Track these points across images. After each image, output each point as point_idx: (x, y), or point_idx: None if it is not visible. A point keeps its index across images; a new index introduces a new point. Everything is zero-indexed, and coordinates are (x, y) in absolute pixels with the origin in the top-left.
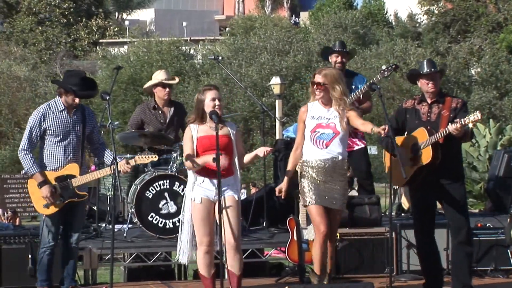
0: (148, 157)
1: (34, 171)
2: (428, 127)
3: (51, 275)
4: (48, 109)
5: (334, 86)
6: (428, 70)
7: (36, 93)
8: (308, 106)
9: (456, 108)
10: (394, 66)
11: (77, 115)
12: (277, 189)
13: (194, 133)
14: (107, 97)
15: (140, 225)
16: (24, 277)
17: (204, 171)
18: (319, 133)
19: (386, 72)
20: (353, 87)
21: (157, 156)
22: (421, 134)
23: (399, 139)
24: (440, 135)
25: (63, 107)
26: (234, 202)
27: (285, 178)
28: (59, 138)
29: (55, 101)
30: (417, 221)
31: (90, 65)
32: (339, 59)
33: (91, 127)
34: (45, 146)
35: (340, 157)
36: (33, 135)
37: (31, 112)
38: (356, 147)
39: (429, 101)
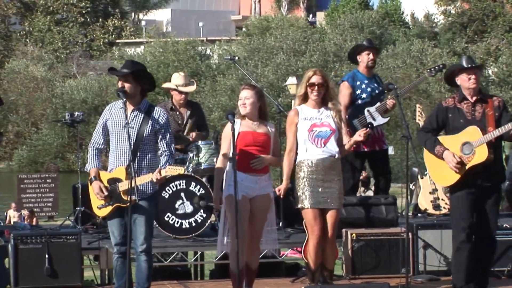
0: (176, 169)
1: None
2: (479, 126)
3: (123, 282)
4: None
5: (332, 85)
6: (469, 65)
7: (53, 93)
8: (297, 109)
9: (499, 107)
10: (441, 66)
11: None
12: (276, 189)
13: (236, 127)
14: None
15: (156, 225)
16: (41, 277)
17: (244, 168)
18: (317, 131)
19: (433, 71)
20: (381, 88)
21: (183, 169)
22: (472, 133)
23: (445, 139)
24: (496, 133)
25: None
26: (269, 200)
27: (285, 181)
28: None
29: None
30: (462, 221)
31: (106, 65)
32: (371, 56)
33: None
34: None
35: (336, 156)
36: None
37: (48, 112)
38: (385, 147)
39: (471, 99)
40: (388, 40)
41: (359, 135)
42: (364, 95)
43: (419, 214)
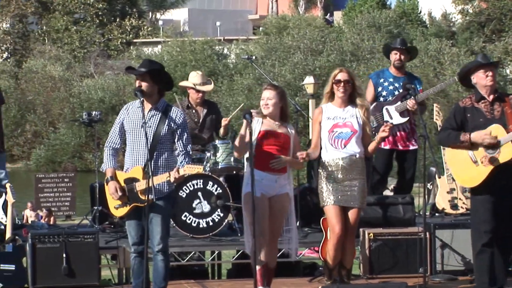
0: (194, 167)
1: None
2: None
3: (141, 281)
4: None
5: (358, 83)
6: (486, 61)
7: (70, 92)
8: (322, 108)
9: None
10: None
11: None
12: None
13: (258, 125)
14: (141, 97)
15: (174, 225)
16: (58, 276)
17: (263, 167)
18: (337, 132)
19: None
20: (412, 86)
21: (201, 168)
22: (497, 130)
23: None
24: None
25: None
26: (288, 199)
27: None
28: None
29: None
30: (484, 224)
31: (124, 65)
32: (397, 56)
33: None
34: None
35: (357, 155)
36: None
37: (66, 111)
38: (412, 148)
39: (488, 97)
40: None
41: (383, 130)
42: (384, 93)
43: (436, 214)
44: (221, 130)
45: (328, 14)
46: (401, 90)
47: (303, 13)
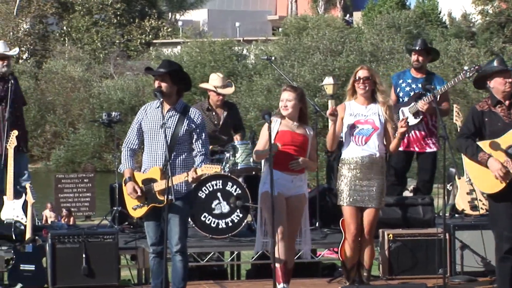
0: (212, 167)
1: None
2: None
3: (160, 282)
4: None
5: (379, 80)
6: (505, 67)
7: (90, 93)
8: (345, 104)
9: None
10: (476, 67)
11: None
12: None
13: (276, 125)
14: (161, 98)
15: (193, 225)
16: (78, 276)
17: (280, 167)
18: (358, 128)
19: (468, 73)
20: (432, 86)
21: (219, 167)
22: None
23: (486, 144)
24: None
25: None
26: (304, 200)
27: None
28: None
29: None
30: (506, 231)
31: (143, 65)
32: (415, 57)
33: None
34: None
35: (378, 154)
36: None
37: (85, 112)
38: (428, 150)
39: (505, 102)
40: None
41: (401, 126)
42: (401, 94)
43: (456, 215)
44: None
45: (348, 15)
46: (417, 91)
47: (322, 14)
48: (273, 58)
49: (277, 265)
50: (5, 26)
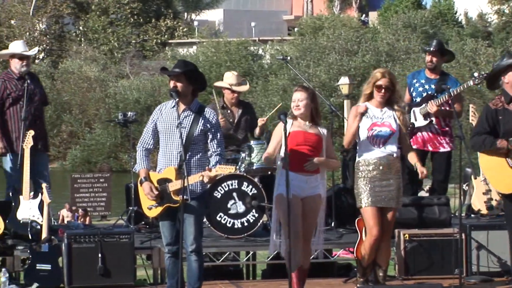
0: (227, 168)
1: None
2: None
3: (175, 281)
4: None
5: (398, 87)
6: None
7: (106, 93)
8: (360, 106)
9: None
10: (485, 74)
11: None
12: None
13: (288, 127)
14: (177, 98)
15: (209, 225)
16: (94, 276)
17: (294, 168)
18: (376, 131)
19: (477, 80)
20: (448, 86)
21: (234, 168)
22: None
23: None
24: None
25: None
26: (319, 200)
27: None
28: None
29: None
30: None
31: (159, 65)
32: (429, 58)
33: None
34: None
35: (395, 155)
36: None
37: (101, 112)
38: (442, 150)
39: None
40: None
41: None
42: (414, 94)
43: (472, 215)
44: (257, 130)
45: (363, 15)
46: (429, 92)
47: (338, 14)
48: (288, 58)
49: (292, 269)
50: (21, 26)
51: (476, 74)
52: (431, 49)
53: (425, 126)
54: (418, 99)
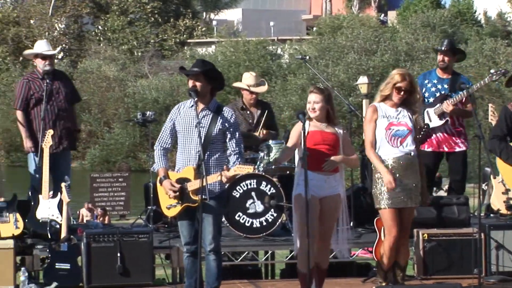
0: (245, 167)
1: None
2: None
3: (194, 281)
4: None
5: (417, 90)
6: None
7: (125, 92)
8: (376, 106)
9: None
10: (503, 71)
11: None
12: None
13: (305, 127)
14: (196, 97)
15: (227, 224)
16: (113, 275)
17: (312, 167)
18: (394, 130)
19: (494, 76)
20: (467, 86)
21: (252, 168)
22: None
23: None
24: None
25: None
26: (339, 200)
27: (386, 174)
28: None
29: None
30: None
31: (178, 65)
32: (441, 57)
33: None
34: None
35: (412, 153)
36: None
37: (120, 111)
38: (458, 149)
39: None
40: (460, 39)
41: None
42: (427, 94)
43: (491, 215)
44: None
45: (382, 14)
46: (443, 92)
47: (357, 13)
48: (307, 57)
49: (304, 270)
50: (40, 26)
51: (492, 71)
52: (443, 48)
53: (439, 127)
54: (431, 100)
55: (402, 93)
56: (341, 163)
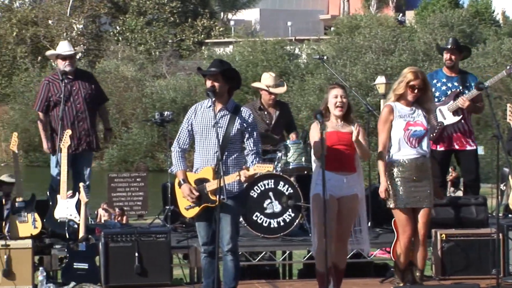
0: (264, 166)
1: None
2: None
3: (211, 281)
4: None
5: (430, 88)
6: None
7: (142, 93)
8: (392, 106)
9: None
10: None
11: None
12: (382, 192)
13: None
14: (213, 97)
15: (245, 224)
16: (131, 275)
17: (330, 167)
18: (412, 130)
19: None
20: (468, 84)
21: (272, 166)
22: None
23: None
24: None
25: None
26: (357, 200)
27: (384, 180)
28: None
29: None
30: None
31: (196, 65)
32: (448, 56)
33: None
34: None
35: (427, 155)
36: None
37: (138, 111)
38: (469, 148)
39: None
40: (479, 38)
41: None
42: (437, 94)
43: (509, 215)
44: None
45: (400, 14)
46: (454, 90)
47: (374, 13)
48: (325, 57)
49: (322, 270)
50: (58, 26)
51: (509, 66)
52: (449, 46)
53: (452, 125)
54: (443, 98)
55: (416, 91)
56: (361, 139)
